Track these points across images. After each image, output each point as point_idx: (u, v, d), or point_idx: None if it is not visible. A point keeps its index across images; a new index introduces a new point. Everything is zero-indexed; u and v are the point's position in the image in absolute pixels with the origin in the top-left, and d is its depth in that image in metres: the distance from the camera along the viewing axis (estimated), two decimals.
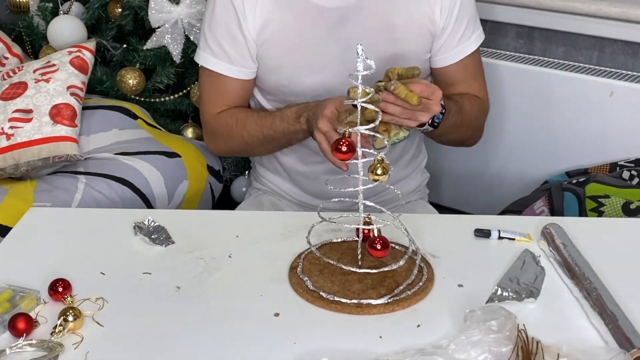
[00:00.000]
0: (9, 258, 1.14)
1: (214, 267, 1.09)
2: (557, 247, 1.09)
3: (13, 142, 1.69)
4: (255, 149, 1.48)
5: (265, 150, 1.49)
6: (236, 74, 1.42)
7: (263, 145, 1.44)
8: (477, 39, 1.47)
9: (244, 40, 1.38)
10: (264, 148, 1.46)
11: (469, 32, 1.44)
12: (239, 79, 1.42)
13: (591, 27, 1.90)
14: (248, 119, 1.42)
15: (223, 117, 1.45)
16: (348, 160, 0.99)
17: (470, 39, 1.45)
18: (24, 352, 0.90)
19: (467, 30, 1.44)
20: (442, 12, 1.39)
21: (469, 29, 1.44)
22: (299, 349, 0.91)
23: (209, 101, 1.47)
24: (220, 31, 1.39)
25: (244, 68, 1.41)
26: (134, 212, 1.31)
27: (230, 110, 1.45)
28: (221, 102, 1.45)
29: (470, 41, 1.45)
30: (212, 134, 1.50)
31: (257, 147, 1.46)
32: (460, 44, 1.43)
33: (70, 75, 1.81)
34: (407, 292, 1.01)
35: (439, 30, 1.41)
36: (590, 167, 1.82)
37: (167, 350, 0.91)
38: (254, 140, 1.42)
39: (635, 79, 1.82)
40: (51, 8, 2.11)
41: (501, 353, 0.84)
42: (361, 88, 0.97)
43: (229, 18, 1.38)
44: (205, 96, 1.47)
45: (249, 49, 1.39)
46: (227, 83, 1.43)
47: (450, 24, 1.40)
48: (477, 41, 1.47)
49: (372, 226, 1.02)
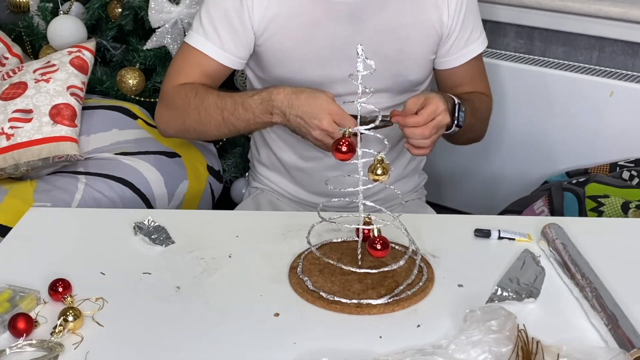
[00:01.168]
0: (9, 258, 1.13)
1: (214, 267, 1.09)
2: (557, 247, 1.09)
3: (13, 142, 1.69)
4: (209, 129, 1.40)
5: (219, 134, 1.43)
6: (222, 59, 1.40)
7: (219, 128, 1.38)
8: (483, 41, 1.49)
9: (241, 29, 1.38)
10: (218, 131, 1.40)
11: (475, 35, 1.46)
12: (222, 64, 1.40)
13: (591, 27, 1.90)
14: (208, 96, 1.37)
15: (184, 88, 1.40)
16: (348, 161, 0.99)
17: (477, 42, 1.47)
18: (24, 352, 0.90)
19: (474, 33, 1.46)
20: (450, 15, 1.40)
21: (475, 31, 1.46)
22: (299, 349, 0.91)
23: (176, 72, 1.42)
24: (217, 14, 1.38)
25: (233, 56, 1.40)
26: (134, 212, 1.31)
27: (193, 84, 1.40)
28: (190, 75, 1.41)
29: (477, 44, 1.47)
30: (167, 106, 1.43)
31: (212, 127, 1.39)
32: (467, 46, 1.45)
33: (70, 75, 1.81)
34: (407, 292, 1.01)
35: (447, 32, 1.42)
36: (590, 167, 1.82)
37: (167, 350, 0.91)
38: (210, 120, 1.37)
39: (635, 79, 1.82)
40: (51, 8, 2.12)
41: (501, 353, 0.84)
42: (361, 88, 0.97)
43: (230, 4, 1.37)
44: (176, 67, 1.43)
45: (246, 39, 1.39)
46: (207, 63, 1.40)
47: (457, 26, 1.42)
48: (482, 44, 1.49)
49: (372, 226, 1.01)
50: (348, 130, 0.98)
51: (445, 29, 1.42)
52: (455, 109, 1.33)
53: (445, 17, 1.40)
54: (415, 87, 1.47)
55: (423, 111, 1.24)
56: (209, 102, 1.36)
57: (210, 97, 1.36)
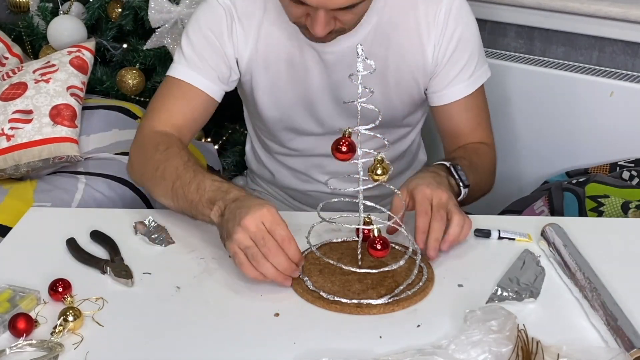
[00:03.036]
0: (9, 258, 1.13)
1: (214, 267, 1.09)
2: (557, 247, 1.09)
3: (13, 143, 1.69)
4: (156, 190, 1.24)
5: (161, 200, 1.23)
6: (205, 86, 1.31)
7: (164, 194, 1.20)
8: (477, 78, 1.37)
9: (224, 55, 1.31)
10: (163, 197, 1.21)
11: (463, 75, 1.34)
12: (205, 93, 1.31)
13: (591, 27, 1.90)
14: (175, 158, 1.21)
15: (159, 136, 1.27)
16: (348, 161, 0.99)
17: (466, 82, 1.35)
18: (24, 352, 0.90)
19: (463, 73, 1.34)
20: (434, 51, 1.31)
21: (465, 71, 1.34)
22: (299, 349, 0.91)
23: (157, 110, 1.31)
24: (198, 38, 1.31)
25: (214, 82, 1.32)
26: (134, 212, 1.30)
27: (171, 137, 1.27)
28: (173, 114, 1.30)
29: (466, 84, 1.35)
30: (138, 147, 1.29)
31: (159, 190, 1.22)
32: (452, 85, 1.34)
33: (70, 76, 1.81)
34: (407, 292, 1.01)
35: (431, 70, 1.33)
36: (590, 167, 1.82)
37: (167, 350, 0.91)
38: (161, 182, 1.20)
39: (635, 79, 1.82)
40: (51, 8, 2.12)
41: (501, 353, 0.84)
42: (360, 88, 0.97)
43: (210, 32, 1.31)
44: (157, 104, 1.32)
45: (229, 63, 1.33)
46: (191, 93, 1.31)
47: (442, 63, 1.32)
48: (472, 85, 1.36)
49: (372, 226, 1.01)
50: (348, 130, 0.98)
51: (429, 67, 1.33)
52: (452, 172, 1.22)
53: (429, 54, 1.31)
54: (402, 121, 1.44)
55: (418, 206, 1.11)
56: (171, 164, 1.20)
57: (176, 160, 1.20)
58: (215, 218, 1.09)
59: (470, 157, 1.31)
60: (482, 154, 1.37)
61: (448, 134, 1.41)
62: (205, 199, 1.11)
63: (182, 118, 1.30)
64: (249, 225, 1.00)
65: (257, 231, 1.00)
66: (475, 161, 1.31)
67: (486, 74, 1.40)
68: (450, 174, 1.21)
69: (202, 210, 1.12)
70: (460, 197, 1.21)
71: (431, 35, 1.31)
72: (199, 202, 1.12)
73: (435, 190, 1.11)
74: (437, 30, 1.30)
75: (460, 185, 1.21)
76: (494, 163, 1.41)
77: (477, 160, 1.32)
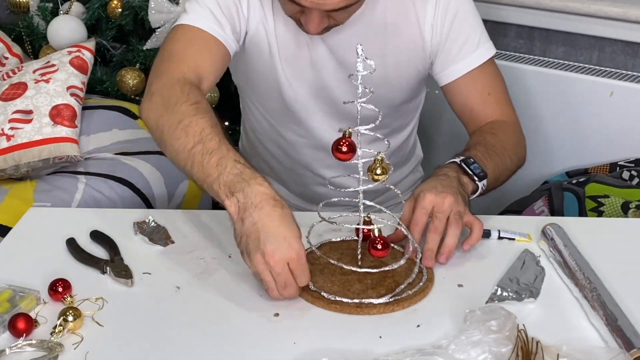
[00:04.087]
0: (9, 258, 1.13)
1: (214, 267, 1.09)
2: (557, 247, 1.09)
3: (13, 143, 1.69)
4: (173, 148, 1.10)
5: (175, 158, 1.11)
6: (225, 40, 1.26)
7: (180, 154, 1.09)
8: (481, 54, 1.35)
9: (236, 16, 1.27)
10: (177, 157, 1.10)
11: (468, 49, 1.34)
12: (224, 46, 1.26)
13: (591, 27, 1.90)
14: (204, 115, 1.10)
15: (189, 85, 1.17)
16: (348, 161, 0.99)
17: (472, 55, 1.34)
18: (23, 352, 0.90)
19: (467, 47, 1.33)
20: (432, 32, 1.31)
21: (469, 45, 1.34)
22: (299, 349, 0.91)
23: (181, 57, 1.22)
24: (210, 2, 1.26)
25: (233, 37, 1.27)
26: (134, 212, 1.31)
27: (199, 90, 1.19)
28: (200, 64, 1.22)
29: (473, 57, 1.34)
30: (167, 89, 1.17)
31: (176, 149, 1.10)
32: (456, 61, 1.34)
33: (70, 76, 1.81)
34: (407, 292, 1.01)
35: (434, 50, 1.33)
36: (590, 167, 1.82)
37: (167, 350, 0.91)
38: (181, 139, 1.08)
39: (635, 79, 1.82)
40: (51, 8, 2.12)
41: (501, 353, 0.84)
42: (361, 88, 0.97)
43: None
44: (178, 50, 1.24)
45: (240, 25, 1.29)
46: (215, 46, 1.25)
47: (443, 42, 1.32)
48: (480, 56, 1.35)
49: (373, 226, 1.01)
50: (348, 130, 0.98)
51: (428, 47, 1.33)
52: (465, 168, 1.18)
53: (427, 35, 1.31)
54: (400, 106, 1.43)
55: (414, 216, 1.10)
56: (198, 122, 1.09)
57: (203, 120, 1.09)
58: (231, 211, 1.01)
59: (485, 140, 1.28)
60: (498, 131, 1.32)
61: (461, 112, 1.38)
62: (223, 180, 1.01)
63: (207, 70, 1.24)
64: (274, 265, 0.95)
65: (281, 273, 0.96)
66: (491, 142, 1.27)
67: (490, 50, 1.38)
68: (463, 171, 1.18)
69: (217, 192, 1.02)
70: (479, 190, 1.18)
71: (427, 15, 1.31)
72: (215, 181, 1.02)
73: (438, 196, 1.09)
74: (431, 7, 1.30)
75: (475, 179, 1.18)
76: (516, 136, 1.37)
77: (493, 140, 1.28)
